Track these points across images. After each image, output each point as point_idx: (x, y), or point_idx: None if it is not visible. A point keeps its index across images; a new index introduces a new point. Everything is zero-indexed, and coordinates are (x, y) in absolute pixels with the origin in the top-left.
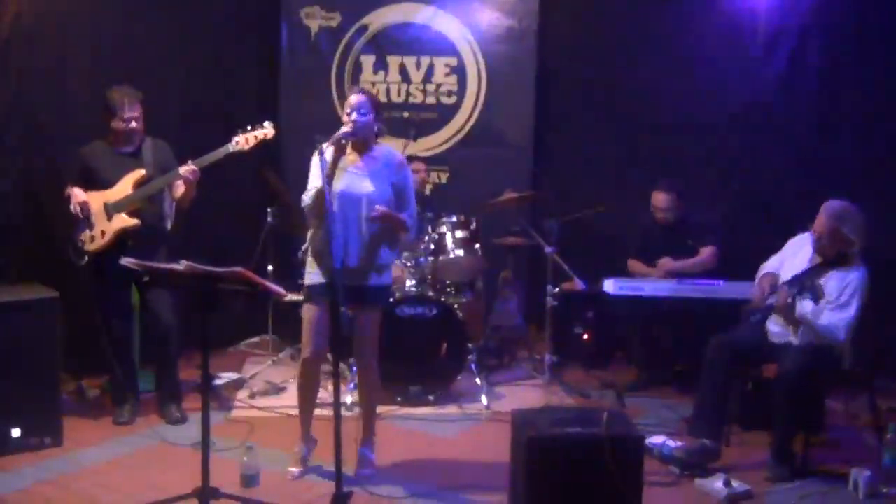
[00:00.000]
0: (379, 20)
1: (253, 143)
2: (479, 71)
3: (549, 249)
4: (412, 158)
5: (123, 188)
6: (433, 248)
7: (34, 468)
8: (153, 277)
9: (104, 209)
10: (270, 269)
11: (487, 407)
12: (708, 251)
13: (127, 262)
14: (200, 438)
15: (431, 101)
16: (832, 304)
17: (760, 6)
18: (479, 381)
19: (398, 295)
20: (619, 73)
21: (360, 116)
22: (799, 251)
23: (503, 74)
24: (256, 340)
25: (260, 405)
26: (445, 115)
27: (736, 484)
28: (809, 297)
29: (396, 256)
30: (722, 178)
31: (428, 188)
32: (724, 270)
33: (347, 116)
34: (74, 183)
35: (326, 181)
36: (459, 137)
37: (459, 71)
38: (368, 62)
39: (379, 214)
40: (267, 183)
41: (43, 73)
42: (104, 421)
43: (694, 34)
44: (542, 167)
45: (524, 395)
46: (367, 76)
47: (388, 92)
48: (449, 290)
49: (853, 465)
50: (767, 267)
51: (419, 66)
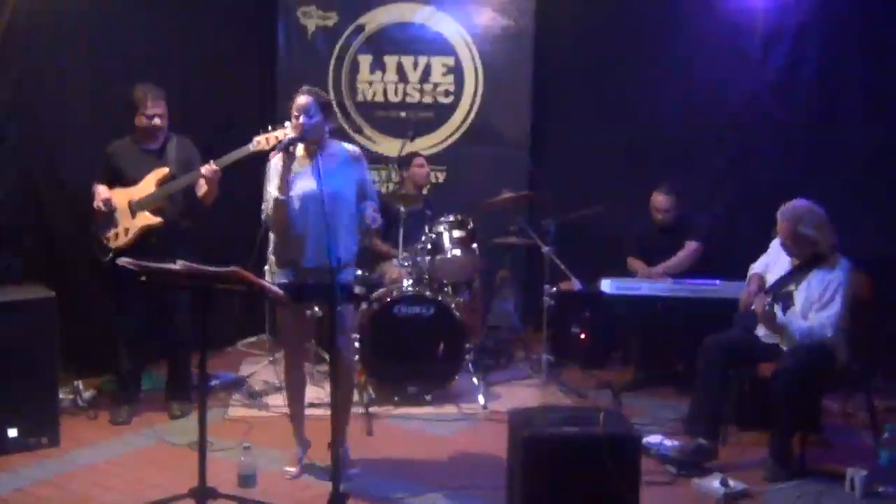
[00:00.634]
0: (376, 20)
1: (273, 142)
2: (476, 70)
3: (546, 249)
4: (415, 154)
5: (147, 186)
6: (430, 247)
7: (31, 468)
8: (150, 277)
9: (128, 206)
10: (266, 268)
11: (484, 406)
12: (690, 246)
13: (124, 262)
14: (197, 438)
15: (428, 100)
16: (817, 303)
17: (758, 6)
18: (476, 380)
19: (395, 294)
20: (616, 72)
21: (307, 119)
22: (781, 253)
23: (500, 74)
24: (253, 340)
25: (257, 405)
26: (442, 114)
27: (733, 483)
28: (780, 306)
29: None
30: (720, 177)
31: (427, 187)
32: (721, 270)
33: (295, 119)
34: (100, 180)
35: (286, 188)
36: (457, 137)
37: (456, 70)
38: (365, 62)
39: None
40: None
41: (42, 72)
42: (101, 421)
43: (692, 34)
44: (539, 167)
45: (521, 394)
46: (363, 76)
47: (385, 91)
48: (446, 289)
49: (850, 464)
50: (755, 267)
51: (416, 65)
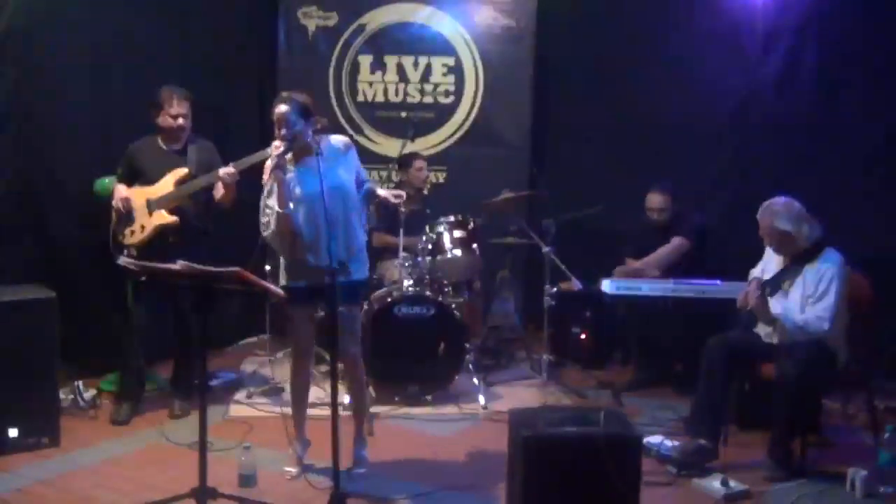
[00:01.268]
0: (376, 20)
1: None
2: (476, 71)
3: (546, 249)
4: (414, 156)
5: (165, 185)
6: (431, 247)
7: (32, 468)
8: (151, 277)
9: (146, 205)
10: (268, 269)
11: (485, 406)
12: (674, 242)
13: (124, 261)
14: (198, 438)
15: (429, 100)
16: (812, 297)
17: (758, 5)
18: (476, 380)
19: (396, 294)
20: (616, 72)
21: (287, 131)
22: (773, 255)
23: (501, 74)
24: (254, 340)
25: (257, 405)
26: (443, 114)
27: (733, 483)
28: (770, 295)
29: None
30: (720, 177)
31: (428, 182)
32: (722, 270)
33: (278, 131)
34: (120, 178)
35: (286, 202)
36: (457, 137)
37: (457, 71)
38: (366, 62)
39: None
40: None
41: (40, 72)
42: (102, 421)
43: (692, 33)
44: (539, 167)
45: (522, 394)
46: (364, 76)
47: (385, 91)
48: (447, 289)
49: (850, 464)
50: (754, 272)
51: (417, 65)
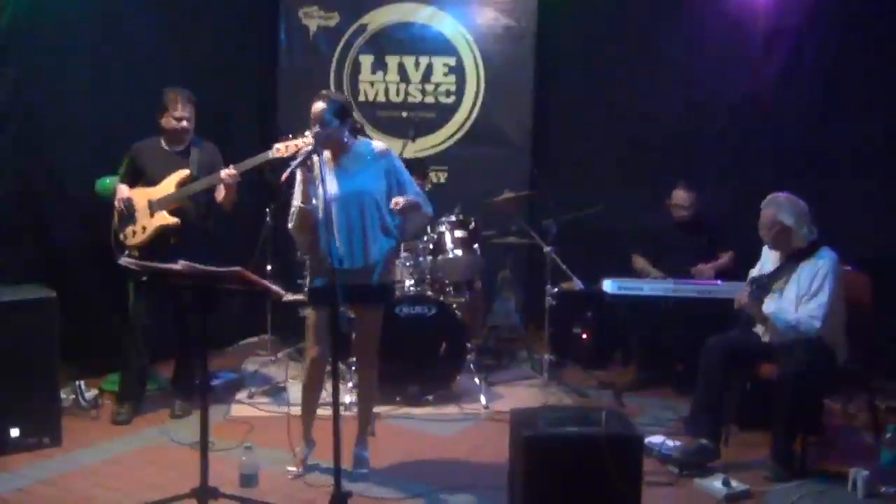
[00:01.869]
0: (378, 20)
1: (293, 150)
2: (477, 70)
3: (547, 249)
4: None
5: (167, 186)
6: (432, 247)
7: (33, 468)
8: (152, 277)
9: (148, 206)
10: (269, 268)
11: (486, 406)
12: (728, 255)
13: (125, 261)
14: (199, 438)
15: (430, 100)
16: (806, 295)
17: (759, 4)
18: (477, 380)
19: (397, 294)
20: (617, 72)
21: (320, 129)
22: (770, 256)
23: (502, 74)
24: (255, 340)
25: (259, 405)
26: (444, 114)
27: (735, 483)
28: (757, 294)
29: (396, 254)
30: (720, 177)
31: (427, 187)
32: (721, 270)
33: (312, 128)
34: (123, 178)
35: (308, 197)
36: (458, 137)
37: (458, 70)
38: (367, 62)
39: (399, 207)
40: (266, 183)
41: (41, 72)
42: (103, 421)
43: (693, 33)
44: (540, 167)
45: (523, 394)
46: (365, 76)
47: (386, 91)
48: (448, 289)
49: (852, 464)
50: (753, 273)
51: (418, 65)
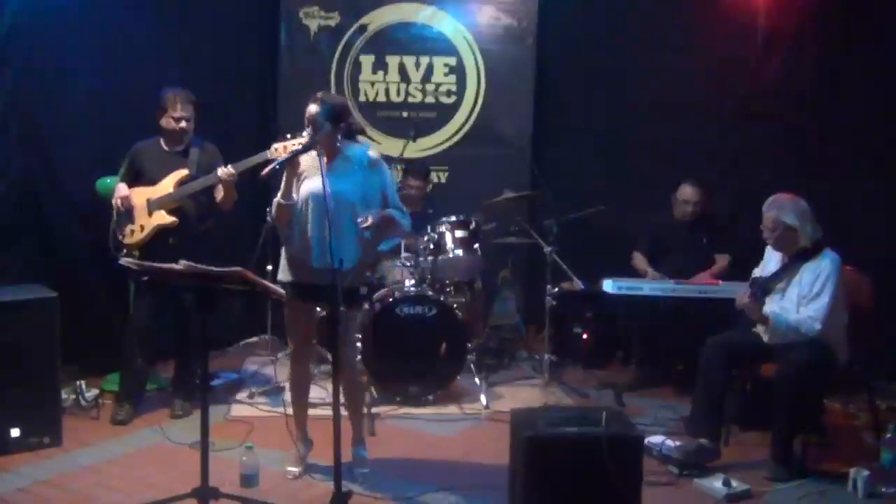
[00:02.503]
0: (378, 20)
1: (291, 150)
2: (478, 70)
3: (548, 249)
4: (410, 174)
5: (166, 186)
6: (433, 247)
7: (33, 468)
8: (152, 277)
9: (146, 205)
10: (269, 268)
11: (487, 406)
12: (724, 259)
13: (126, 262)
14: (199, 438)
15: (431, 100)
16: (807, 296)
17: (760, 5)
18: (478, 380)
19: (397, 294)
20: (618, 72)
21: (311, 133)
22: (773, 256)
23: (502, 74)
24: (255, 340)
25: (259, 405)
26: (445, 114)
27: (735, 483)
28: (760, 294)
29: (373, 257)
30: (720, 177)
31: (429, 188)
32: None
33: (305, 129)
34: (122, 177)
35: (288, 194)
36: (459, 137)
37: (459, 70)
38: (368, 62)
39: (368, 224)
40: (266, 183)
41: (42, 73)
42: (103, 421)
43: (693, 33)
44: (541, 167)
45: (523, 394)
46: (366, 76)
47: (387, 92)
48: (448, 289)
49: (852, 464)
50: (756, 273)
51: (418, 65)
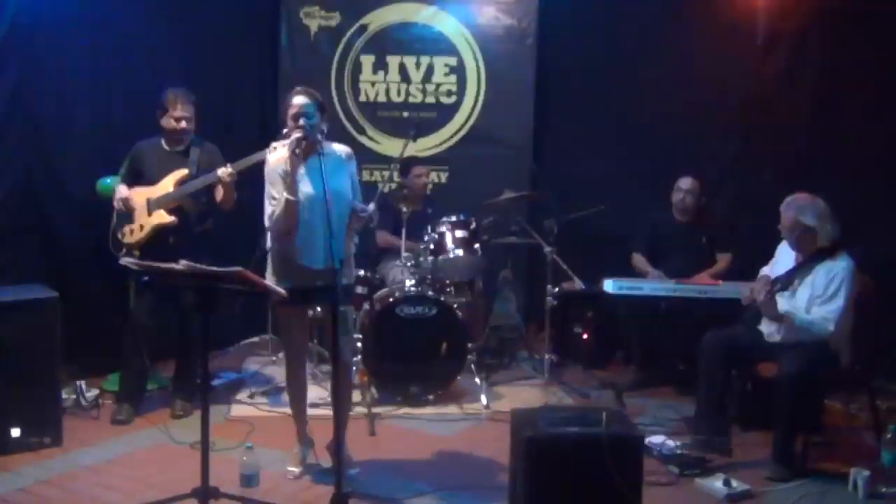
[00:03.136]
0: (378, 20)
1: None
2: (478, 70)
3: (548, 249)
4: (412, 161)
5: (165, 186)
6: (433, 247)
7: (34, 468)
8: (153, 277)
9: (146, 204)
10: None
11: (487, 406)
12: (725, 259)
13: (127, 261)
14: (200, 438)
15: (431, 100)
16: (820, 297)
17: (760, 5)
18: (478, 380)
19: (398, 295)
20: (618, 72)
21: (307, 121)
22: (786, 254)
23: (503, 74)
24: (256, 340)
25: (259, 405)
26: (445, 114)
27: (735, 483)
28: (786, 293)
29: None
30: (721, 177)
31: (428, 188)
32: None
33: (294, 121)
34: (123, 178)
35: (296, 189)
36: (459, 137)
37: (459, 70)
38: (368, 62)
39: (369, 213)
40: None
41: (43, 73)
42: (104, 421)
43: (694, 34)
44: (541, 167)
45: (524, 394)
46: (366, 76)
47: (387, 92)
48: (449, 289)
49: (853, 464)
50: (765, 270)
51: (419, 65)
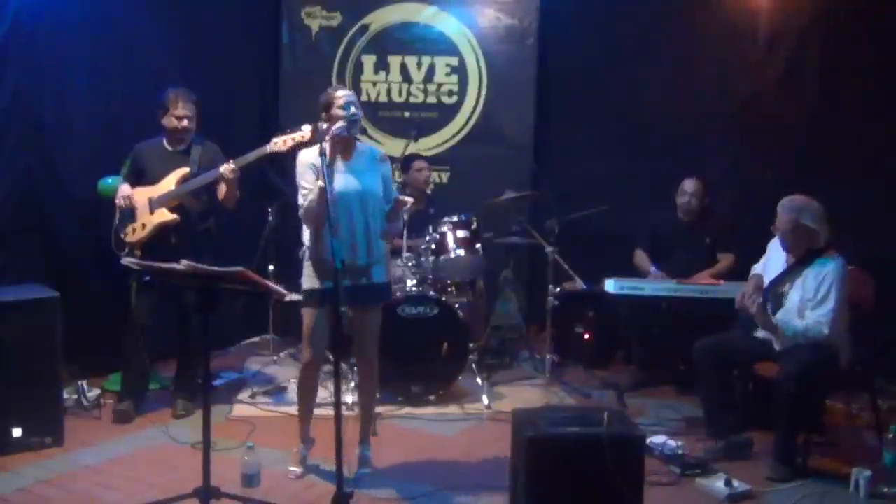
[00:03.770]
0: (380, 20)
1: (290, 144)
2: (479, 70)
3: (549, 249)
4: (414, 157)
5: (167, 184)
6: (434, 247)
7: (35, 468)
8: (154, 277)
9: (148, 203)
10: (271, 268)
11: (488, 406)
12: (728, 259)
13: (128, 261)
14: (201, 438)
15: (432, 100)
16: (812, 301)
17: (760, 6)
18: (479, 380)
19: (399, 294)
20: (619, 72)
21: (353, 112)
22: (777, 252)
23: (504, 74)
24: (257, 340)
25: (260, 405)
26: (446, 114)
27: (737, 483)
28: (771, 306)
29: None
30: (721, 177)
31: (430, 185)
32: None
33: (343, 111)
34: (126, 176)
35: (325, 178)
36: (460, 137)
37: (460, 70)
38: (369, 62)
39: (406, 201)
40: (269, 183)
41: (44, 73)
42: (105, 421)
43: (694, 34)
44: (542, 167)
45: (525, 394)
46: (368, 76)
47: (388, 92)
48: (450, 289)
49: (854, 465)
50: (756, 268)
51: (420, 65)
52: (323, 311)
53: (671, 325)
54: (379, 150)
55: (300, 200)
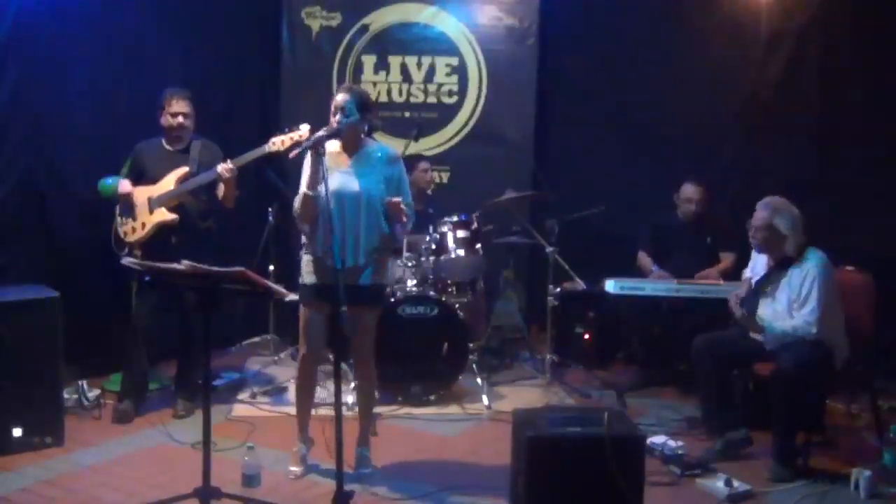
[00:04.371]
0: (380, 20)
1: (289, 144)
2: (480, 70)
3: (550, 249)
4: (418, 157)
5: (167, 184)
6: (434, 247)
7: (35, 468)
8: (154, 277)
9: (147, 202)
10: (271, 268)
11: (488, 407)
12: (730, 258)
13: (128, 261)
14: (201, 438)
15: (433, 100)
16: (797, 301)
17: (761, 6)
18: (480, 380)
19: (399, 295)
20: (619, 72)
21: (342, 117)
22: (762, 256)
23: (504, 74)
24: (257, 340)
25: (261, 405)
26: (446, 114)
27: (737, 484)
28: (745, 311)
29: (389, 254)
30: (722, 177)
31: (432, 186)
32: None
33: (333, 117)
34: (126, 176)
35: (314, 184)
36: (460, 137)
37: (460, 71)
38: (370, 62)
39: (392, 203)
40: (268, 183)
41: (43, 73)
42: (106, 421)
43: (695, 34)
44: (542, 167)
45: (525, 394)
46: (368, 76)
47: (389, 92)
48: (450, 289)
49: (854, 464)
50: (746, 273)
51: (420, 65)
52: (316, 305)
53: (671, 325)
54: (392, 150)
55: (294, 200)
